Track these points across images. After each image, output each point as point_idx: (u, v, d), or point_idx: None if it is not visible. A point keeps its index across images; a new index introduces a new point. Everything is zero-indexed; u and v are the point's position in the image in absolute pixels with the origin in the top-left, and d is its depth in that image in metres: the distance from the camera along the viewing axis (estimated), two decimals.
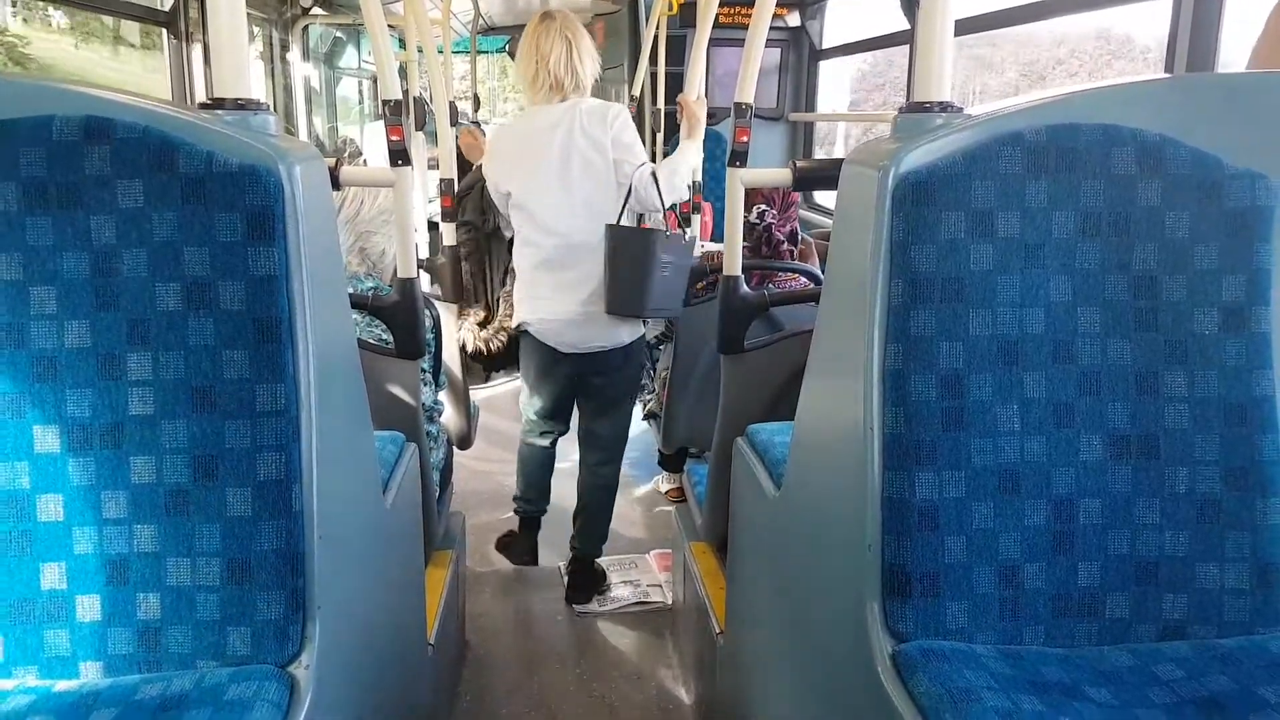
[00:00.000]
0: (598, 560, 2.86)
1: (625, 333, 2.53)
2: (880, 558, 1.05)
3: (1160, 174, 1.05)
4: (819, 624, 1.25)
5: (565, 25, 2.45)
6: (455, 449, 2.67)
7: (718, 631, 1.92)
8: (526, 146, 2.45)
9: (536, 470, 2.83)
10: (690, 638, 2.29)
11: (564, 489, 3.61)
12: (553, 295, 2.48)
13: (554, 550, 3.06)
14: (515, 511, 2.91)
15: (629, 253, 2.38)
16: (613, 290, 2.41)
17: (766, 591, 1.53)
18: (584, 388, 2.66)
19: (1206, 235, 1.06)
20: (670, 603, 2.70)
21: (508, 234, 3.06)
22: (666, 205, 2.42)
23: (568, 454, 2.97)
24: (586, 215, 2.41)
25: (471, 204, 3.82)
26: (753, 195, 2.81)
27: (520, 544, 2.91)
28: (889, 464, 1.04)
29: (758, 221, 2.85)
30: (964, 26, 3.05)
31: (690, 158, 2.55)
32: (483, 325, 3.93)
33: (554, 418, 2.73)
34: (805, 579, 1.32)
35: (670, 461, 3.32)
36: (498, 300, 4.01)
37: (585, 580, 2.78)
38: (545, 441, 2.79)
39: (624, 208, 2.40)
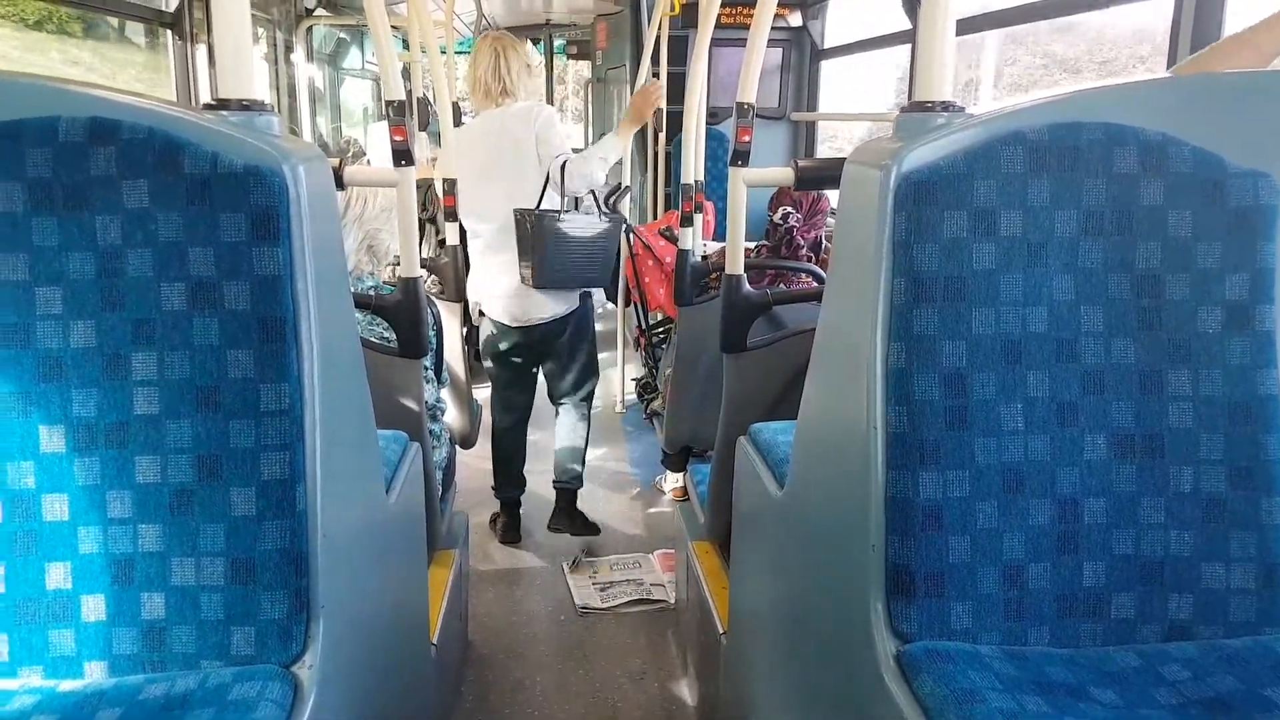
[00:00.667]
0: (596, 560, 2.87)
1: (561, 306, 2.91)
2: (884, 557, 1.05)
3: (1162, 173, 1.05)
4: (823, 624, 1.25)
5: (497, 40, 2.86)
6: (458, 448, 2.67)
7: (721, 631, 1.92)
8: (467, 148, 2.79)
9: (506, 458, 3.17)
10: (694, 638, 2.29)
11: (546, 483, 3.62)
12: (496, 276, 2.89)
13: (557, 548, 3.06)
14: (495, 496, 3.22)
15: (527, 234, 2.75)
16: (526, 267, 2.79)
17: (770, 591, 1.53)
18: (539, 358, 3.08)
19: (1209, 234, 1.06)
20: (673, 602, 2.70)
21: None
22: (580, 189, 2.77)
23: (547, 455, 3.19)
24: (510, 203, 2.78)
25: None
26: (781, 197, 2.82)
27: (505, 525, 3.21)
28: (892, 463, 1.04)
29: (781, 222, 2.86)
30: (964, 26, 3.06)
31: (606, 147, 2.83)
32: None
33: (514, 387, 3.11)
34: (809, 579, 1.32)
35: (673, 461, 3.32)
36: None
37: (568, 508, 3.13)
38: (511, 419, 3.13)
39: (542, 195, 2.75)
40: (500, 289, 2.89)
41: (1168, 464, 1.07)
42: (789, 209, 2.85)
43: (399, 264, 1.90)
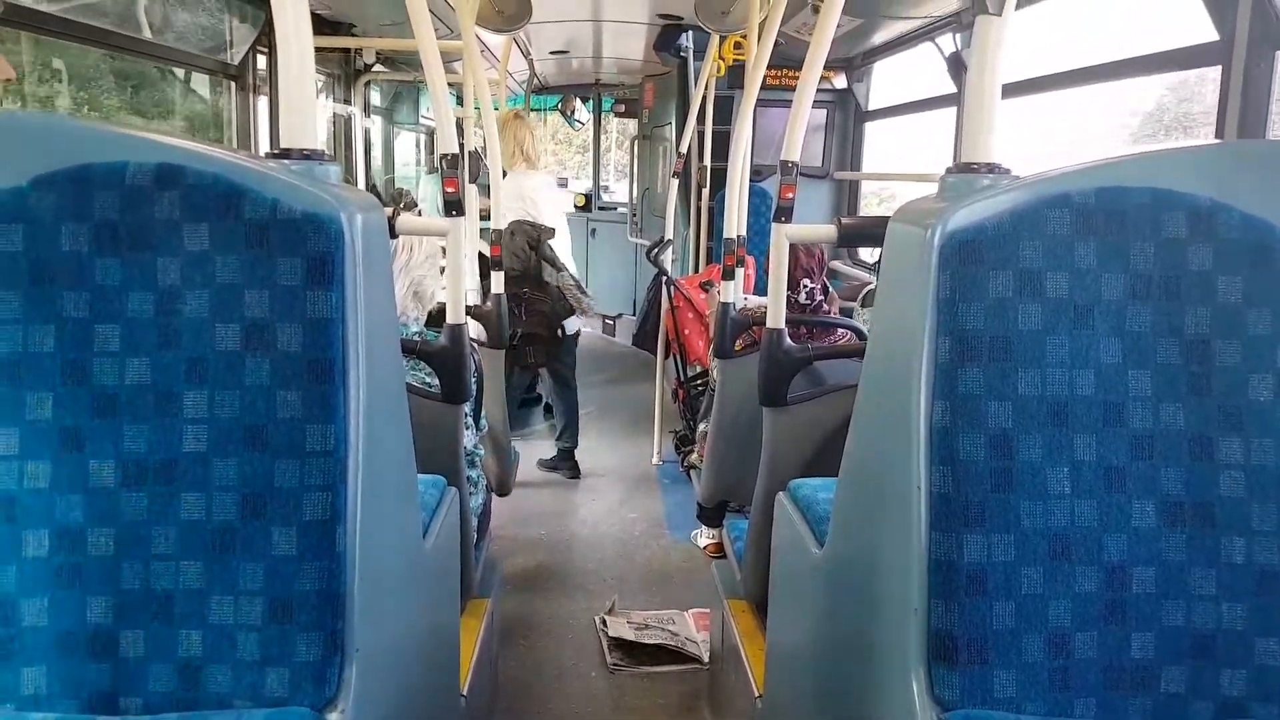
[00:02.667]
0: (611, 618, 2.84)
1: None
2: (926, 622, 1.02)
3: (1211, 238, 1.04)
4: (861, 689, 1.21)
5: (518, 120, 4.15)
6: (494, 495, 2.67)
7: (756, 694, 1.87)
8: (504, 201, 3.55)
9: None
10: (728, 700, 2.24)
11: (592, 536, 3.59)
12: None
13: (591, 602, 3.03)
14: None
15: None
16: None
17: (807, 653, 1.50)
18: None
19: (1260, 300, 1.04)
20: (707, 661, 2.65)
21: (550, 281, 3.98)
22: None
23: (581, 505, 3.29)
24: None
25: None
26: (795, 272, 2.85)
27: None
28: (936, 524, 1.02)
29: (808, 301, 2.88)
30: (1010, 90, 3.07)
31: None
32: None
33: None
34: (847, 642, 1.28)
35: (709, 516, 3.29)
36: None
37: (570, 461, 4.26)
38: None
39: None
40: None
41: (1219, 533, 1.04)
42: (807, 283, 2.88)
43: (443, 309, 1.93)
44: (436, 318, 2.18)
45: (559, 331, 3.98)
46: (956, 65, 3.69)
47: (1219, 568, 1.04)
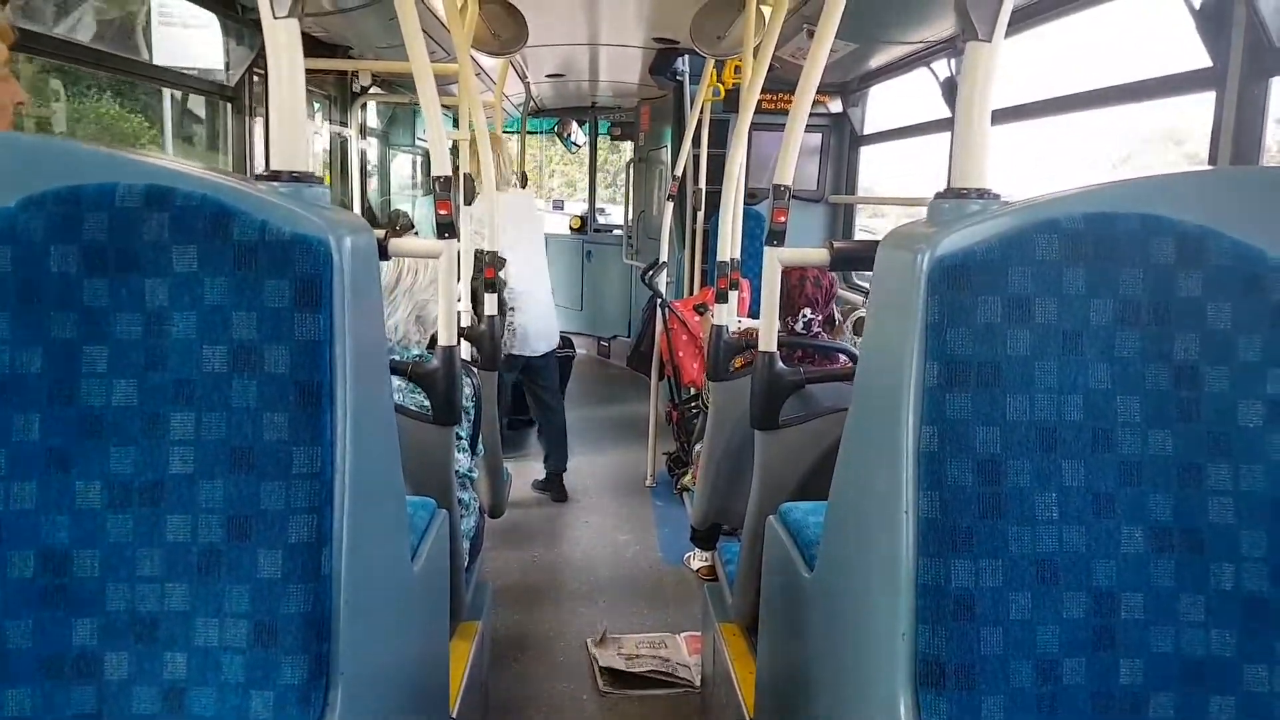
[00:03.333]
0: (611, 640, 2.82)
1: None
2: (914, 647, 1.02)
3: (1201, 264, 1.04)
4: (849, 714, 1.20)
5: (496, 141, 3.88)
6: (487, 517, 2.66)
7: (748, 718, 1.86)
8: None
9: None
10: None
11: (584, 558, 3.58)
12: None
13: (583, 624, 3.01)
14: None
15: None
16: None
17: (797, 677, 1.49)
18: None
19: (1249, 327, 1.04)
20: (699, 685, 2.63)
21: None
22: None
23: (574, 527, 3.29)
24: (528, 264, 3.98)
25: None
26: (797, 299, 2.83)
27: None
28: (924, 549, 1.02)
29: (804, 331, 2.87)
30: (1001, 116, 3.10)
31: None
32: None
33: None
34: (836, 665, 1.28)
35: (702, 538, 3.27)
36: None
37: (557, 484, 4.27)
38: None
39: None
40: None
41: (1208, 560, 1.03)
42: (807, 312, 2.85)
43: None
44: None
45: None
46: (950, 90, 3.72)
47: (1208, 594, 1.03)
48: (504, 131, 5.12)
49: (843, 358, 2.83)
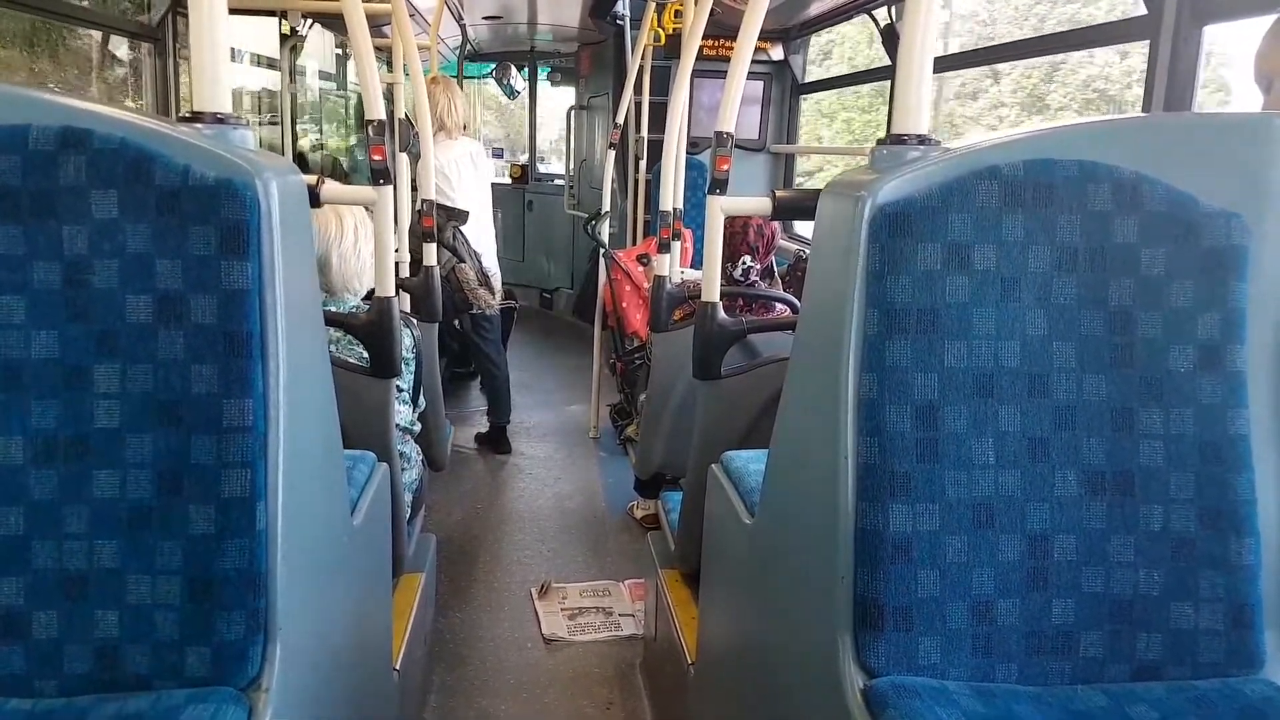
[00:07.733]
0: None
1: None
2: (852, 590, 1.04)
3: (1136, 211, 1.06)
4: (790, 656, 1.23)
5: (446, 86, 3.83)
6: (429, 470, 2.64)
7: (689, 662, 1.89)
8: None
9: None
10: (661, 668, 2.27)
11: (529, 508, 3.59)
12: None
13: (527, 574, 3.03)
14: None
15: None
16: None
17: (738, 622, 1.52)
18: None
19: (1182, 272, 1.07)
20: (642, 632, 2.67)
21: None
22: None
23: (518, 478, 3.35)
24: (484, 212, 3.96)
25: None
26: (738, 246, 2.83)
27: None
28: (863, 494, 1.04)
29: (742, 278, 2.86)
30: (943, 64, 3.12)
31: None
32: None
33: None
34: (777, 609, 1.30)
35: (646, 487, 3.31)
36: None
37: (499, 438, 4.18)
38: None
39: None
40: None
41: (1138, 502, 1.07)
42: (747, 259, 2.85)
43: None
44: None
45: (457, 323, 3.94)
46: (890, 38, 3.72)
47: (1137, 535, 1.07)
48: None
49: (784, 308, 2.85)
